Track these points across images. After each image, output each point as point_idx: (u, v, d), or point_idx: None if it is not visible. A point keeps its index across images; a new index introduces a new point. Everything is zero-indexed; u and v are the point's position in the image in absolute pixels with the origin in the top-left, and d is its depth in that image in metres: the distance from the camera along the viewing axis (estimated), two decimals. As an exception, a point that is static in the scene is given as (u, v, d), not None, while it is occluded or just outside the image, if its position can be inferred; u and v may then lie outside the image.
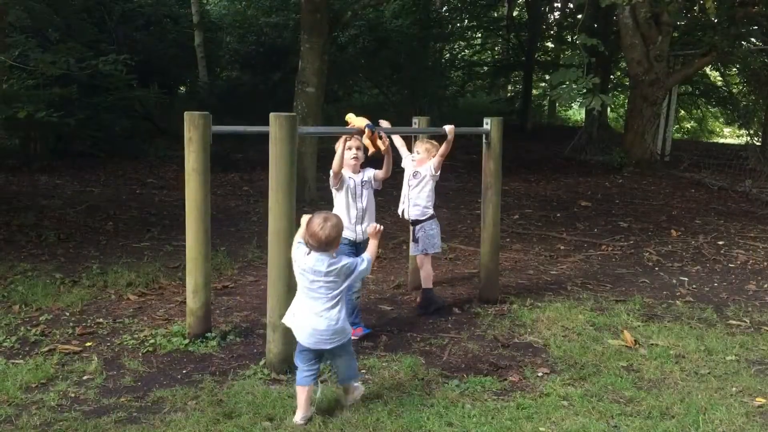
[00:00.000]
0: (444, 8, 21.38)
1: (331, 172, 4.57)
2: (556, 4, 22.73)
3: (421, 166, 5.34)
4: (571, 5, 21.18)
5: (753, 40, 16.65)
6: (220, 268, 6.40)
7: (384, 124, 5.04)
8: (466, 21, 22.33)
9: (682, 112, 23.99)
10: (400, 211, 5.54)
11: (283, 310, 4.09)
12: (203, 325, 4.65)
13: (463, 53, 24.62)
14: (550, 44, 24.67)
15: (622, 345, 4.72)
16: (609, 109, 22.60)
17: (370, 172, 4.77)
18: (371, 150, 4.66)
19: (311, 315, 3.50)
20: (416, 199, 5.34)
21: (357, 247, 4.62)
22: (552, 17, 23.67)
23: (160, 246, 7.19)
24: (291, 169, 4.05)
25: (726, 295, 6.05)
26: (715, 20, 13.25)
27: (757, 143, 15.66)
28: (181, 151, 4.58)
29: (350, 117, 4.77)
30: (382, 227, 3.88)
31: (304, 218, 3.62)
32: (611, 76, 21.71)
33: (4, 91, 8.52)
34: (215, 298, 5.43)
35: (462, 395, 3.89)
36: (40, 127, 10.65)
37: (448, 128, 5.18)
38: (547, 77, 23.95)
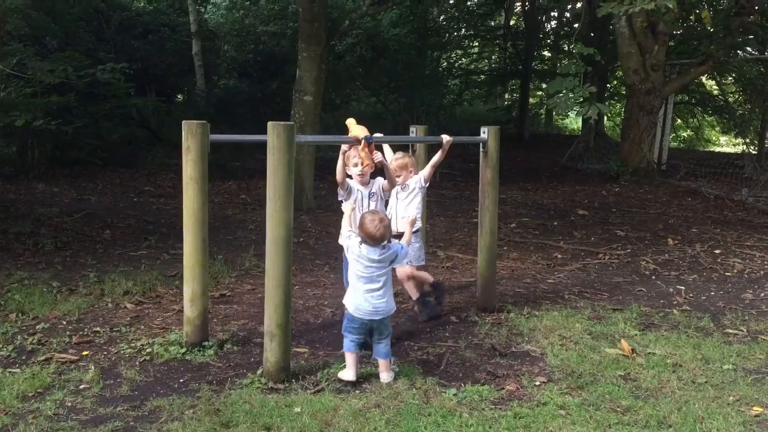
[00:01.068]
0: (441, 17, 21.47)
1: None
2: (552, 14, 22.86)
3: (407, 180, 5.20)
4: (568, 14, 21.33)
5: (749, 49, 16.76)
6: (217, 276, 6.40)
7: (377, 136, 5.01)
8: (464, 30, 22.42)
9: (679, 120, 24.07)
10: None
11: (281, 319, 4.11)
12: (200, 334, 4.64)
13: (460, 62, 24.71)
14: (546, 53, 24.80)
15: (620, 354, 4.72)
16: (606, 117, 22.66)
17: (379, 183, 4.75)
18: (366, 162, 4.58)
19: (366, 293, 4.12)
20: (404, 211, 5.12)
21: None
22: (549, 26, 23.81)
23: (157, 254, 7.18)
24: (289, 177, 4.05)
25: (723, 304, 6.06)
26: (711, 30, 13.33)
27: (754, 152, 15.72)
28: (179, 160, 4.60)
29: (351, 123, 4.68)
30: (413, 217, 4.67)
31: (347, 207, 4.39)
32: (608, 85, 21.83)
33: (2, 99, 8.53)
34: (212, 307, 5.42)
35: (459, 404, 3.88)
36: (37, 135, 10.68)
37: (446, 138, 5.17)
38: (544, 86, 24.07)
